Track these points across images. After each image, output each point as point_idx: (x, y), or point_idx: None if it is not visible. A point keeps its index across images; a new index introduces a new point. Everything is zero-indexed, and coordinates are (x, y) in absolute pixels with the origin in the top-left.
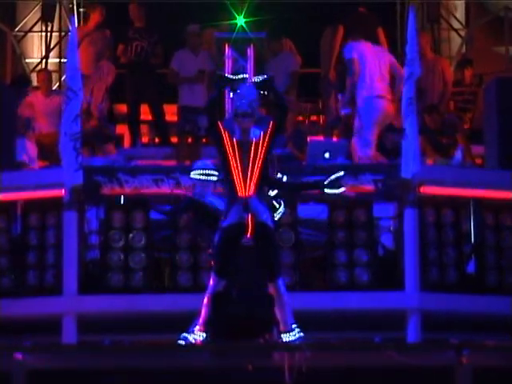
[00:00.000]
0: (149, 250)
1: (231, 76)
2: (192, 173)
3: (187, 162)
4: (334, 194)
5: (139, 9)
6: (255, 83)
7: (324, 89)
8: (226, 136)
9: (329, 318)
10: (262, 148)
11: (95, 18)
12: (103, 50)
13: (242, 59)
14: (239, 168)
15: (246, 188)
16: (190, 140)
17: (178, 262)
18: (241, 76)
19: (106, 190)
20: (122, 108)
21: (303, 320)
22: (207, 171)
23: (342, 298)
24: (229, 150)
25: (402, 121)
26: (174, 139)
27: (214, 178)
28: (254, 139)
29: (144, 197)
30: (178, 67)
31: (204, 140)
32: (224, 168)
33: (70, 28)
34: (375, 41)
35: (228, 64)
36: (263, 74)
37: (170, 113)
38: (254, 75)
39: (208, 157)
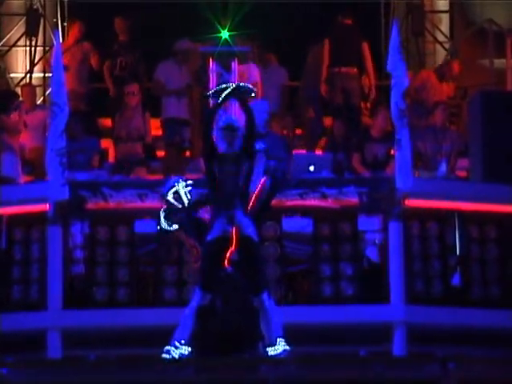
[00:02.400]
0: (133, 264)
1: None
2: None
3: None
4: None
5: (124, 22)
6: (239, 87)
7: (306, 101)
8: (217, 150)
9: (314, 332)
10: (239, 160)
11: (74, 33)
12: (83, 64)
13: (227, 73)
14: (225, 182)
15: (230, 201)
16: (175, 153)
17: (163, 277)
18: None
19: (91, 205)
20: (107, 122)
21: (288, 334)
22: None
23: (327, 311)
24: (219, 164)
25: (380, 132)
26: (160, 153)
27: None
28: (238, 153)
29: (128, 211)
30: (165, 79)
31: (188, 153)
32: (211, 182)
33: (55, 42)
34: (359, 55)
35: (212, 78)
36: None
37: (153, 127)
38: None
39: (194, 170)
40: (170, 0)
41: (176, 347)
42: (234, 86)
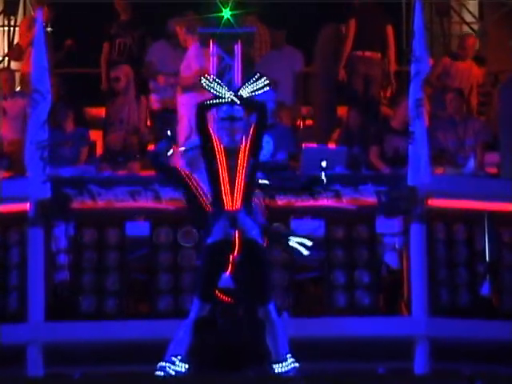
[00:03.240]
0: (124, 271)
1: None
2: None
3: None
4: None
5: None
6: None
7: (318, 88)
8: (216, 142)
9: (326, 347)
10: (244, 154)
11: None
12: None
13: (229, 57)
14: (227, 178)
15: (233, 201)
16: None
17: (157, 285)
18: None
19: (76, 204)
20: (96, 112)
21: (297, 349)
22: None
23: (341, 323)
24: (219, 158)
25: (402, 124)
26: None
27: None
28: (241, 146)
29: (119, 211)
30: (157, 60)
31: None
32: (211, 179)
33: (37, 22)
34: (383, 38)
35: (213, 63)
36: (258, 72)
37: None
38: (242, 75)
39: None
40: None
41: (171, 363)
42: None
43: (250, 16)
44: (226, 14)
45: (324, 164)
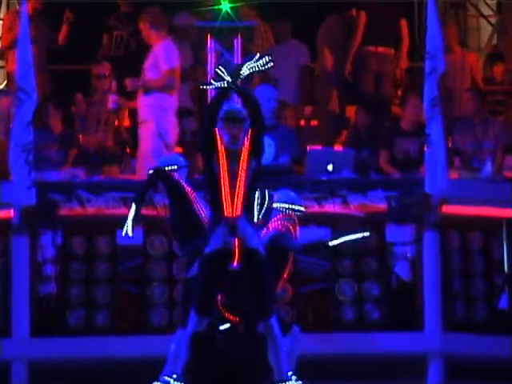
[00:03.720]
0: (115, 283)
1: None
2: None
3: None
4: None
5: None
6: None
7: (324, 85)
8: (220, 145)
9: (333, 364)
10: (245, 157)
11: (32, 2)
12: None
13: (228, 53)
14: (227, 183)
15: (233, 207)
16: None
17: (151, 297)
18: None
19: (64, 211)
20: None
21: (302, 367)
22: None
23: (349, 339)
24: (221, 161)
25: (411, 124)
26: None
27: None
28: (242, 148)
29: (110, 218)
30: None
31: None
32: (210, 183)
33: (21, 12)
34: (397, 32)
35: (211, 58)
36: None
37: None
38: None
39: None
40: None
41: (166, 383)
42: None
43: (250, 9)
44: (225, 6)
45: (330, 168)
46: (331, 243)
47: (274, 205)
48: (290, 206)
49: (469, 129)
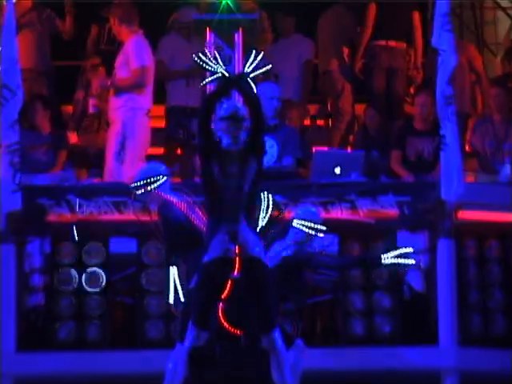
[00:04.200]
0: (108, 294)
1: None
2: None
3: (175, 179)
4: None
5: None
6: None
7: (330, 84)
8: (217, 145)
9: (341, 381)
10: (246, 159)
11: None
12: (45, 36)
13: (228, 47)
14: (227, 187)
15: (233, 213)
16: (178, 150)
17: (146, 309)
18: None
19: (53, 217)
20: None
21: (308, 383)
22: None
23: (358, 354)
24: (220, 163)
25: (424, 123)
26: (158, 149)
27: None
28: (243, 149)
29: (102, 225)
30: (168, 58)
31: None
32: (208, 187)
33: (6, 6)
34: (409, 26)
35: (210, 52)
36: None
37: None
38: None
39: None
40: None
41: None
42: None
43: (252, 1)
44: None
45: (337, 171)
46: (385, 261)
47: (294, 222)
48: (311, 225)
49: (488, 128)
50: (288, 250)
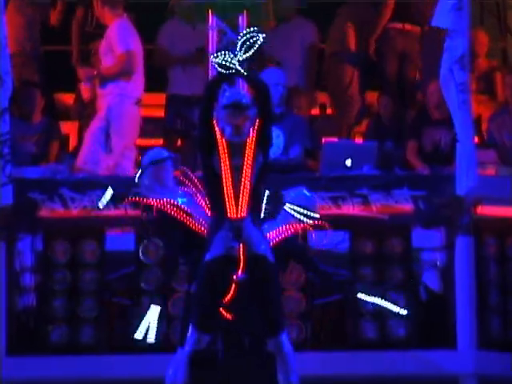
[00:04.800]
0: (104, 294)
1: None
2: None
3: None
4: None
5: None
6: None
7: (339, 68)
8: (220, 136)
9: None
10: (250, 150)
11: None
12: (35, 21)
13: (232, 32)
14: (230, 180)
15: (237, 208)
16: (179, 142)
17: (145, 311)
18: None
19: (45, 212)
20: (70, 98)
21: None
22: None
23: (370, 359)
24: (222, 155)
25: (440, 112)
26: (157, 141)
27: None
28: (248, 140)
29: (97, 221)
30: (169, 44)
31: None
32: (210, 181)
33: None
34: (426, 9)
35: (212, 38)
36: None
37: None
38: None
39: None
40: None
41: None
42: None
43: None
44: None
45: (349, 163)
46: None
47: (286, 207)
48: (303, 212)
49: (505, 119)
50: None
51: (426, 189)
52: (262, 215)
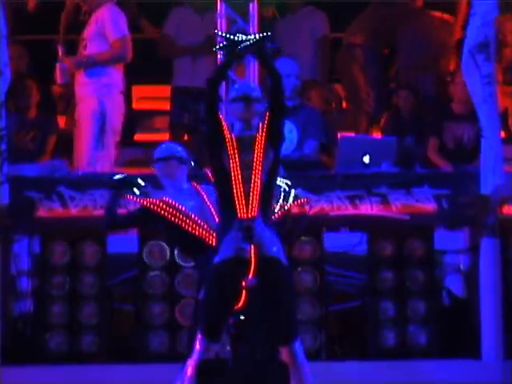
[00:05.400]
0: (105, 300)
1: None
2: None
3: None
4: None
5: None
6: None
7: (356, 59)
8: (226, 131)
9: None
10: (260, 146)
11: None
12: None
13: (242, 20)
14: (240, 178)
15: (248, 207)
16: (186, 137)
17: (148, 318)
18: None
19: (43, 212)
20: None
21: None
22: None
23: (390, 368)
24: (230, 151)
25: (463, 106)
26: (147, 136)
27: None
28: (258, 135)
29: (98, 221)
30: (176, 32)
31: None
32: (219, 179)
33: None
34: None
35: (221, 26)
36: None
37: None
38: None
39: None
40: None
41: None
42: (255, 37)
43: None
44: None
45: (366, 159)
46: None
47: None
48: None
49: None
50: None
51: (449, 187)
52: None
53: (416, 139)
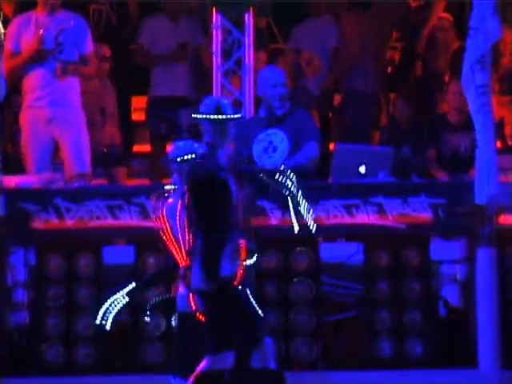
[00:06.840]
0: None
1: None
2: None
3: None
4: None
5: None
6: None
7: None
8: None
9: None
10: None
11: None
12: None
13: (237, 30)
14: None
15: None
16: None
17: (145, 329)
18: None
19: (39, 223)
20: None
21: None
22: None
23: (386, 378)
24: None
25: (458, 115)
26: (144, 147)
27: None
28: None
29: (94, 232)
30: (150, 41)
31: None
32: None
33: None
34: None
35: (216, 37)
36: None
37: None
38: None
39: None
40: None
41: None
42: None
43: None
44: None
45: (363, 170)
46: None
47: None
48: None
49: None
50: None
51: (446, 197)
52: None
53: (412, 149)
